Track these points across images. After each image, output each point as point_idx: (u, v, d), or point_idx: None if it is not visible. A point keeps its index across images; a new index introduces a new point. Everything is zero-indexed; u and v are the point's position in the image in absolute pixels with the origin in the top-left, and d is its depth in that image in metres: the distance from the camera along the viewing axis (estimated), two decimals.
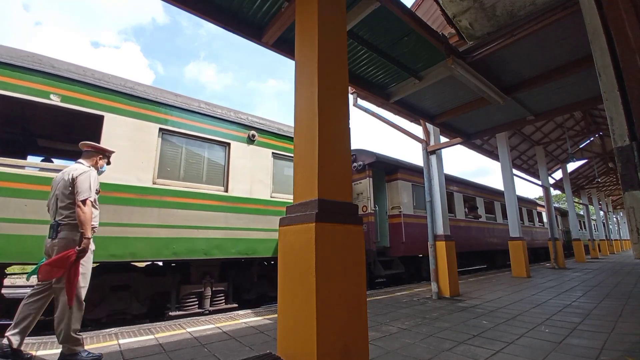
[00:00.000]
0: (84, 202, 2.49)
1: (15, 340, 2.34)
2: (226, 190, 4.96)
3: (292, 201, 5.03)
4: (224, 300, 4.93)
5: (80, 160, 2.76)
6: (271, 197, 5.48)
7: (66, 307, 2.38)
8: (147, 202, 4.19)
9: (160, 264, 4.87)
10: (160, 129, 4.50)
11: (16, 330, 2.35)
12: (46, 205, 2.69)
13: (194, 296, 4.62)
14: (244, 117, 5.41)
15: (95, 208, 2.68)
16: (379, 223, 8.09)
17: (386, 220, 8.15)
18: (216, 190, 4.87)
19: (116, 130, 4.11)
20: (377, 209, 7.79)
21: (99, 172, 2.82)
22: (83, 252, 2.45)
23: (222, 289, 4.92)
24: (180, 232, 4.36)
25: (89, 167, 2.70)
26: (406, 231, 7.81)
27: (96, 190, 2.68)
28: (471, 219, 10.96)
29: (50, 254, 2.47)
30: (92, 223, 2.58)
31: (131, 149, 4.19)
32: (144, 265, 4.82)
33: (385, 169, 8.41)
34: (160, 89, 4.71)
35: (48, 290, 2.47)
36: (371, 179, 7.76)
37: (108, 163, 2.97)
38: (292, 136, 5.24)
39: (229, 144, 5.13)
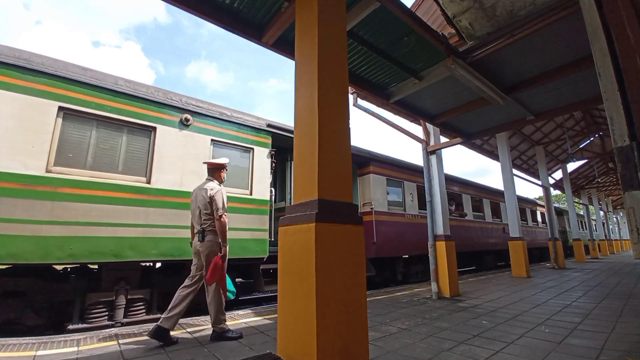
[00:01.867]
0: (221, 217, 3.18)
1: (167, 324, 2.91)
2: (148, 182, 4.23)
3: (236, 195, 4.74)
4: (144, 311, 4.21)
5: (209, 177, 3.48)
6: None
7: (215, 297, 3.10)
8: (37, 193, 3.50)
9: (65, 267, 4.24)
10: (61, 108, 3.75)
11: (170, 315, 2.94)
12: (191, 213, 3.45)
13: (102, 306, 3.89)
14: (176, 99, 4.65)
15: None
16: None
17: None
18: (135, 181, 4.15)
19: None
20: None
21: (223, 182, 3.56)
22: (224, 257, 3.16)
23: (141, 297, 4.20)
24: (80, 230, 3.65)
25: (219, 184, 3.42)
26: (378, 230, 7.09)
27: None
28: (456, 217, 10.29)
29: (205, 254, 3.15)
30: None
31: (17, 131, 3.48)
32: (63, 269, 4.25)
33: (357, 162, 7.60)
34: (64, 61, 3.97)
35: (198, 283, 3.18)
36: None
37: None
38: (239, 122, 5.30)
39: (154, 128, 4.38)
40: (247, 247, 4.94)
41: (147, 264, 4.60)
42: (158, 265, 4.82)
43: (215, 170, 3.51)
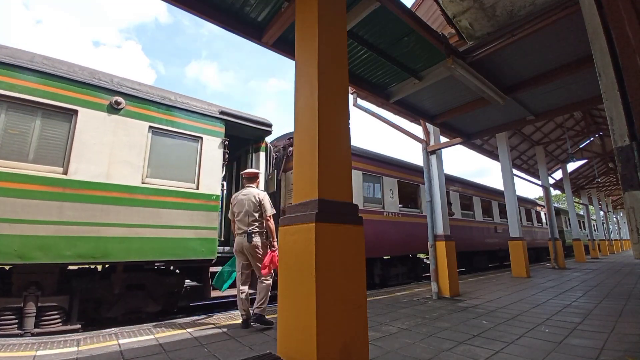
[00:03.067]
0: (270, 217, 3.66)
1: (258, 310, 3.49)
2: (66, 173, 3.72)
3: (179, 189, 4.49)
4: (60, 320, 3.72)
5: (251, 185, 3.86)
6: (144, 183, 4.20)
7: (265, 286, 3.57)
8: None
9: None
10: None
11: (259, 303, 3.51)
12: (235, 217, 3.74)
13: (10, 313, 3.43)
14: (106, 79, 4.13)
15: None
16: None
17: None
18: (49, 171, 3.65)
19: None
20: None
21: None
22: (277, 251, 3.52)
23: (56, 304, 3.69)
24: None
25: (262, 190, 3.85)
26: None
27: None
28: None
29: (252, 253, 3.57)
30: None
31: None
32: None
33: None
34: None
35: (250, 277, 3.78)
36: None
37: None
38: (185, 107, 4.83)
39: (75, 112, 3.88)
40: (190, 247, 4.41)
41: (76, 267, 4.14)
42: (105, 268, 4.40)
43: (253, 179, 3.92)
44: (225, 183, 5.33)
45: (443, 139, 6.59)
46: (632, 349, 2.66)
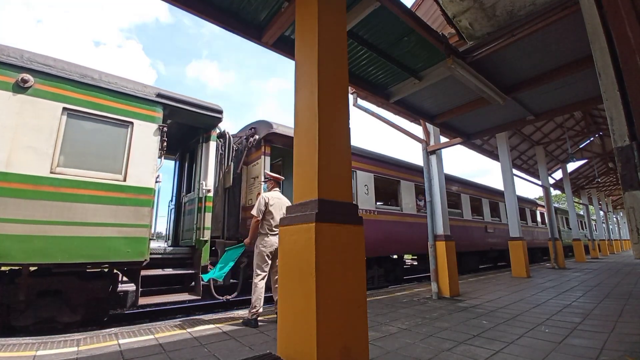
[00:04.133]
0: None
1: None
2: None
3: (101, 180, 4.03)
4: None
5: (278, 189, 4.08)
6: (53, 172, 3.65)
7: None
8: None
9: None
10: None
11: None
12: (273, 217, 3.82)
13: None
14: (14, 55, 3.65)
15: None
16: None
17: None
18: None
19: None
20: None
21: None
22: None
23: None
24: None
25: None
26: None
27: None
28: (424, 214, 8.79)
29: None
30: None
31: None
32: None
33: (289, 144, 6.37)
34: None
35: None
36: (268, 158, 5.91)
37: None
38: (111, 88, 4.19)
39: None
40: (113, 247, 3.82)
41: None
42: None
43: (280, 183, 4.19)
44: (160, 174, 4.66)
45: (443, 139, 6.60)
46: (632, 349, 2.66)
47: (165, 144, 4.58)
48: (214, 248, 5.51)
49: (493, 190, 12.88)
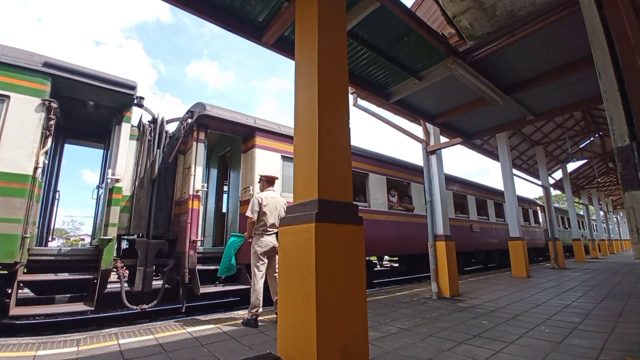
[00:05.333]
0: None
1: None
2: None
3: None
4: None
5: (273, 188, 4.09)
6: None
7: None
8: None
9: None
10: None
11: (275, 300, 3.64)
12: (265, 217, 3.80)
13: None
14: None
15: None
16: (228, 213, 6.09)
17: (238, 209, 5.68)
18: None
19: None
20: (205, 189, 5.33)
21: None
22: None
23: None
24: None
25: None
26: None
27: None
28: (400, 212, 8.06)
29: (277, 252, 3.64)
30: None
31: None
32: None
33: (240, 132, 5.80)
34: None
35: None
36: (202, 145, 5.27)
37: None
38: (12, 61, 3.60)
39: None
40: None
41: None
42: None
43: (274, 182, 4.19)
44: (45, 160, 4.07)
45: (443, 139, 6.60)
46: (632, 349, 2.66)
47: (52, 122, 3.88)
48: (121, 247, 4.99)
49: (480, 187, 12.10)
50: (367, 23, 3.49)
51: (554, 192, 18.92)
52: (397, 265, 9.64)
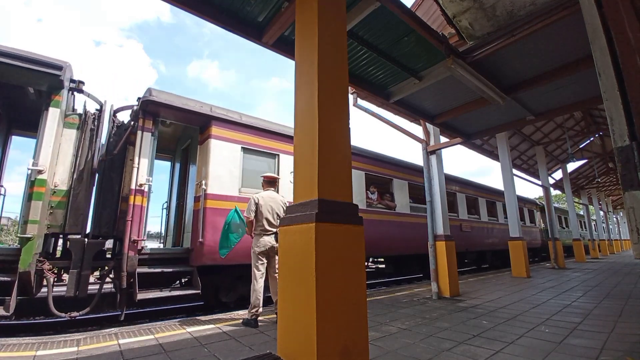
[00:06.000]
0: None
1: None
2: None
3: None
4: None
5: (271, 188, 4.09)
6: None
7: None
8: None
9: None
10: None
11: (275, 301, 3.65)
12: (265, 218, 3.82)
13: None
14: None
15: None
16: (185, 210, 5.76)
17: (193, 205, 5.29)
18: None
19: None
20: (150, 183, 4.76)
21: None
22: None
23: None
24: None
25: None
26: (212, 223, 4.80)
27: None
28: (380, 210, 7.56)
29: (276, 252, 3.69)
30: None
31: None
32: None
33: (196, 122, 5.33)
34: None
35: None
36: (149, 134, 4.79)
37: None
38: None
39: None
40: None
41: None
42: None
43: (275, 182, 4.21)
44: None
45: (443, 139, 6.60)
46: (632, 349, 2.66)
47: None
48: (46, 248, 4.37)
49: (471, 184, 11.55)
50: (367, 23, 3.49)
51: (554, 192, 18.93)
52: (383, 266, 9.26)
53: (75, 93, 4.67)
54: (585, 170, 17.49)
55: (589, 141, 13.83)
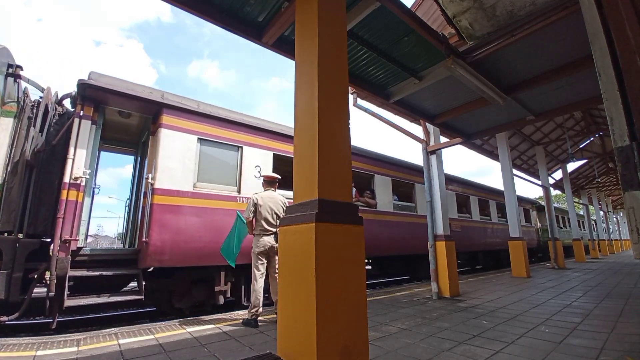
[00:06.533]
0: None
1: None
2: None
3: None
4: None
5: (271, 188, 4.07)
6: None
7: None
8: None
9: None
10: None
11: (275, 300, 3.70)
12: (264, 218, 3.81)
13: None
14: None
15: None
16: (137, 207, 5.35)
17: (141, 201, 4.91)
18: None
19: None
20: (88, 176, 4.32)
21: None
22: None
23: None
24: None
25: None
26: (159, 221, 4.35)
27: None
28: (360, 207, 6.98)
29: (276, 252, 3.71)
30: None
31: None
32: None
33: (148, 111, 4.88)
34: None
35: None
36: (88, 122, 4.36)
37: None
38: None
39: None
40: None
41: None
42: None
43: (275, 182, 4.17)
44: None
45: (443, 139, 6.59)
46: (632, 349, 2.66)
47: None
48: None
49: (462, 181, 11.12)
50: (367, 23, 3.49)
51: (554, 192, 18.92)
52: (369, 267, 8.92)
53: (16, 80, 4.19)
54: (585, 170, 17.49)
55: (589, 141, 13.83)
